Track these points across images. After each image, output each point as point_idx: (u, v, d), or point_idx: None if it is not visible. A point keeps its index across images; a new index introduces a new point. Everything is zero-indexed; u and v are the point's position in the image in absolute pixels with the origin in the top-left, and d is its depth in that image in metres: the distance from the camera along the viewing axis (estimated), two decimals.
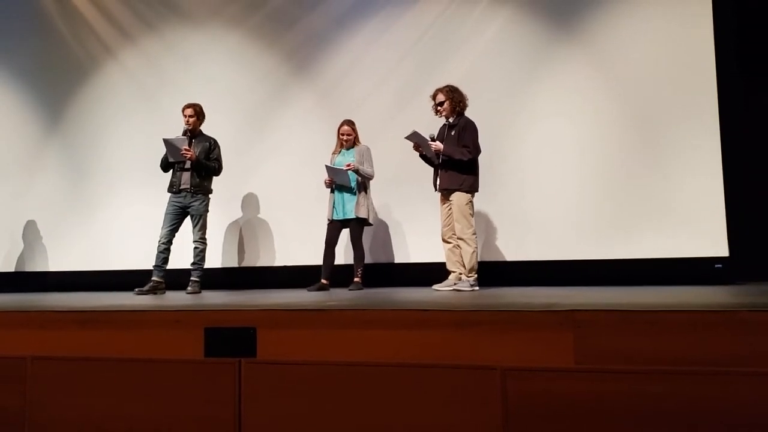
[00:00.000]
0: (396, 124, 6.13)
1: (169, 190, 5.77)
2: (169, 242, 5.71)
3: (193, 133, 5.82)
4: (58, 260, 7.45)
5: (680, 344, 2.53)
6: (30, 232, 7.58)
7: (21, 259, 7.60)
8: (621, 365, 2.54)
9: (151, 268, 5.68)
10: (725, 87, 5.54)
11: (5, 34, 7.95)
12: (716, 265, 5.39)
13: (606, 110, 5.86)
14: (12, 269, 7.60)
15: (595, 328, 2.62)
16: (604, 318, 2.64)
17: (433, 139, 5.23)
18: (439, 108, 5.30)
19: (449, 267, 5.21)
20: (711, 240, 5.44)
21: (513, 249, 6.05)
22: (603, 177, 5.82)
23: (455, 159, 5.11)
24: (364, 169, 5.77)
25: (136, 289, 5.54)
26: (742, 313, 2.55)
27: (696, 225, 5.49)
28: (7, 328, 3.52)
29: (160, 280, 5.63)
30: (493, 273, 5.72)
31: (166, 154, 5.76)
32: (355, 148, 5.86)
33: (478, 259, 5.21)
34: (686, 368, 2.48)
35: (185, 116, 5.81)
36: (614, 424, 2.50)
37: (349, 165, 5.72)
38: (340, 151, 5.91)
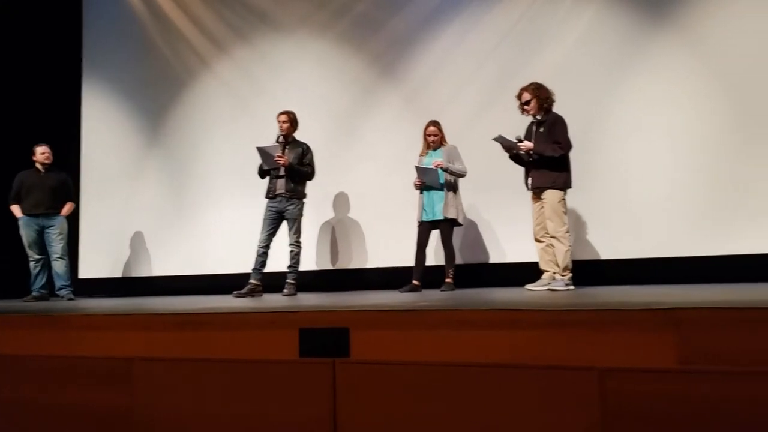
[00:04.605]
0: (483, 123, 6.08)
1: (267, 195, 5.94)
2: (268, 246, 5.88)
3: (287, 139, 5.96)
4: (161, 265, 7.82)
5: None
6: (136, 238, 7.99)
7: (128, 264, 8.03)
8: (726, 366, 2.41)
9: (249, 271, 5.85)
10: None
11: (107, 52, 8.42)
12: None
13: (708, 103, 5.59)
14: (120, 275, 8.04)
15: (697, 327, 2.50)
16: (708, 317, 2.51)
17: (520, 140, 5.13)
18: (525, 107, 5.18)
19: (542, 266, 5.10)
20: None
21: (608, 247, 5.87)
22: (703, 171, 5.56)
23: (547, 156, 5.00)
24: (455, 166, 5.73)
25: (235, 292, 5.72)
26: None
27: None
28: (115, 330, 3.71)
29: (258, 282, 5.80)
30: (589, 272, 5.55)
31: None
32: (442, 148, 5.83)
33: (572, 258, 5.08)
34: None
35: (280, 123, 5.97)
36: (719, 428, 2.37)
37: (438, 163, 5.69)
38: (427, 152, 5.90)
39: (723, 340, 2.47)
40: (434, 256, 6.16)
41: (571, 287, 4.91)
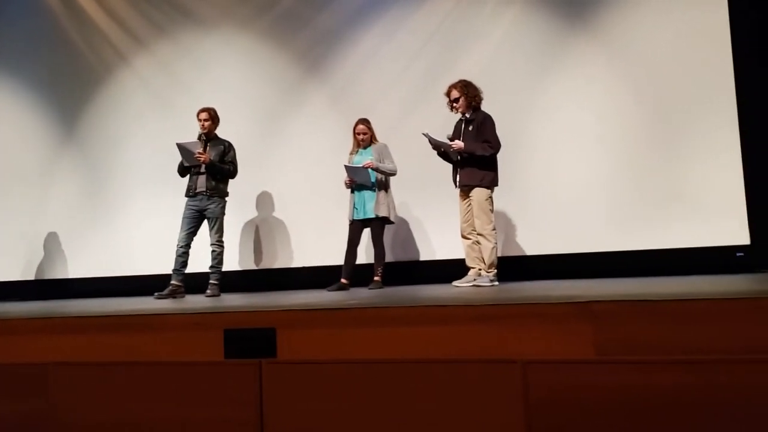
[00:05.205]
0: (412, 121, 6.12)
1: (187, 194, 5.81)
2: (188, 246, 5.75)
3: (209, 136, 5.85)
4: (78, 267, 7.51)
5: (700, 333, 2.50)
6: (49, 240, 7.66)
7: (41, 267, 7.68)
8: (641, 355, 2.52)
9: (171, 272, 5.72)
10: (742, 73, 5.48)
11: (17, 44, 8.01)
12: (738, 254, 5.33)
13: (623, 100, 5.82)
14: (32, 277, 7.68)
15: (614, 318, 2.60)
16: (623, 308, 2.62)
17: (450, 139, 5.17)
18: (454, 104, 5.23)
19: (469, 263, 5.18)
20: (732, 228, 5.39)
21: (532, 243, 6.02)
22: (621, 168, 5.78)
23: (477, 155, 5.07)
24: (385, 165, 5.73)
25: (156, 294, 5.58)
26: (764, 300, 2.52)
27: (717, 214, 5.43)
28: (29, 335, 3.56)
29: (180, 283, 5.67)
30: (513, 268, 5.69)
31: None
32: (373, 147, 5.82)
33: (499, 255, 5.18)
34: (707, 357, 2.45)
35: (200, 120, 5.86)
36: (636, 414, 2.48)
37: (369, 164, 5.69)
38: (357, 151, 5.88)
39: (637, 331, 2.58)
40: (365, 254, 6.16)
41: (496, 283, 5.00)
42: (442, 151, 5.28)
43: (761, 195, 5.36)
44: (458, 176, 5.21)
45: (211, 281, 5.71)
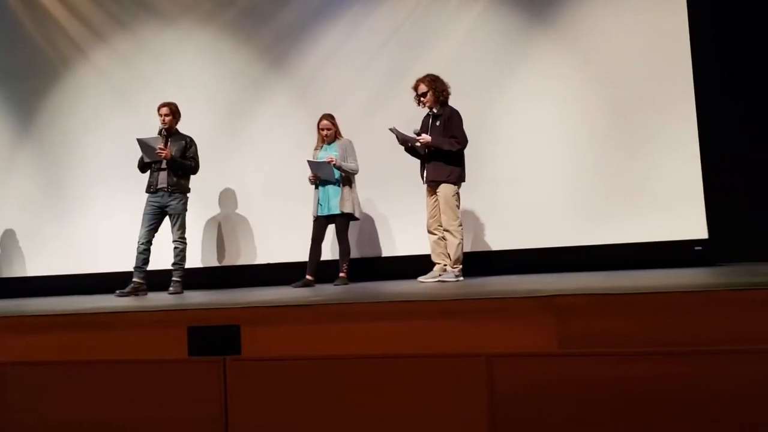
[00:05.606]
0: (377, 116, 6.11)
1: (147, 190, 5.74)
2: (149, 242, 5.68)
3: (169, 132, 5.78)
4: (36, 265, 7.35)
5: (661, 325, 2.56)
6: (6, 237, 7.48)
7: None
8: (603, 348, 2.57)
9: (132, 269, 5.64)
10: (700, 72, 5.59)
11: None
12: (696, 248, 5.45)
13: (584, 97, 5.91)
14: None
15: (576, 312, 2.64)
16: (585, 302, 2.66)
17: (417, 134, 5.17)
18: (422, 99, 5.22)
19: (434, 259, 5.19)
20: (690, 223, 5.50)
21: (498, 238, 6.07)
22: (582, 163, 5.87)
23: (444, 150, 5.07)
24: (347, 164, 5.69)
25: (117, 291, 5.50)
26: (721, 292, 2.59)
27: (675, 208, 5.54)
28: None
29: (141, 281, 5.59)
30: (478, 263, 5.73)
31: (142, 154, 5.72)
32: (337, 143, 5.78)
33: (465, 250, 5.20)
34: (667, 349, 2.51)
35: (161, 115, 5.78)
36: (598, 406, 2.52)
37: (330, 159, 5.66)
38: (321, 147, 5.82)
39: (599, 324, 2.62)
40: (330, 250, 6.15)
41: (461, 278, 5.03)
42: (410, 146, 5.29)
43: (718, 190, 5.49)
44: (425, 172, 5.22)
45: (173, 278, 5.65)
